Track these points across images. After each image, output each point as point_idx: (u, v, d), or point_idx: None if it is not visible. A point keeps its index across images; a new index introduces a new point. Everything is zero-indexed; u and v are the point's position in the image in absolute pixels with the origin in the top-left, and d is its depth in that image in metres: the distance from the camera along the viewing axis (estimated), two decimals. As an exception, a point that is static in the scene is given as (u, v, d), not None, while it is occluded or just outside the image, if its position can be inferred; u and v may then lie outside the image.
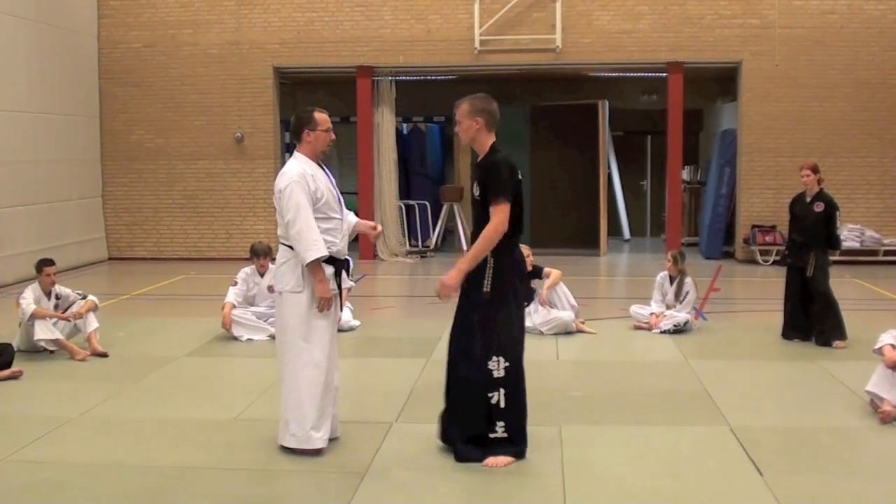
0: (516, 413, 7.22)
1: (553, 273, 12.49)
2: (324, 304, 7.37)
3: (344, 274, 7.77)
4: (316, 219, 7.30)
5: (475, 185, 7.27)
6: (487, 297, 7.11)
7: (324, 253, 7.26)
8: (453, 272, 7.10)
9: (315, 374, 7.36)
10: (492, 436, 7.16)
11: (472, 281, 7.17)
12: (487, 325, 7.13)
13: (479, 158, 7.36)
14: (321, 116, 7.57)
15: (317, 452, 7.37)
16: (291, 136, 7.70)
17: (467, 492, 6.74)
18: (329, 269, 7.39)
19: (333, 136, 7.68)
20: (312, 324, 7.38)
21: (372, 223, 8.25)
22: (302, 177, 7.32)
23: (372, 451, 7.51)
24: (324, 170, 7.60)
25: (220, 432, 8.12)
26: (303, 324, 7.38)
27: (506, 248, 7.18)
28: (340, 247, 7.51)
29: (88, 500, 6.62)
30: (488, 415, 7.15)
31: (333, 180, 7.62)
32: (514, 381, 7.18)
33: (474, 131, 7.29)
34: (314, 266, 7.27)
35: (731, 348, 11.65)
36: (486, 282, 7.12)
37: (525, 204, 7.43)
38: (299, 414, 7.37)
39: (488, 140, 7.32)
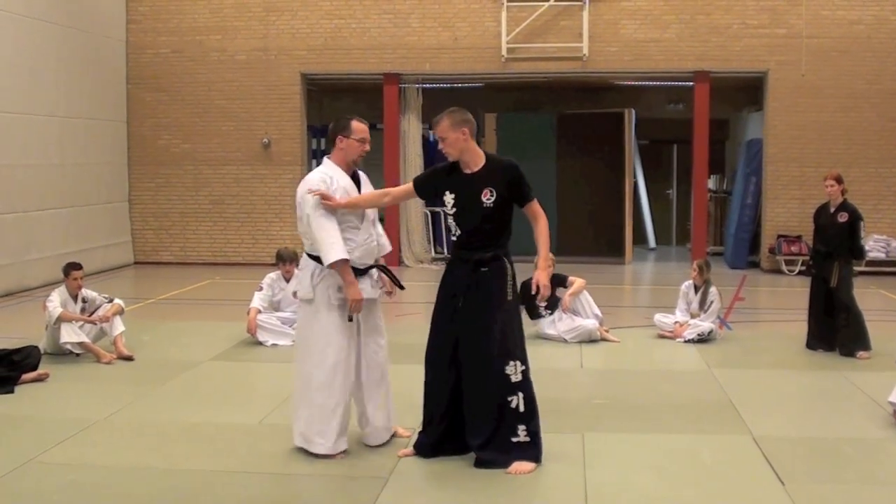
0: (534, 415, 7.26)
1: (577, 282, 12.51)
2: (355, 307, 7.39)
3: (368, 284, 7.67)
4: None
5: (487, 191, 7.19)
6: (510, 303, 7.21)
7: (345, 255, 7.26)
8: (544, 273, 7.31)
9: (321, 382, 7.39)
10: (514, 440, 7.18)
11: (485, 285, 7.23)
12: (506, 330, 7.18)
13: (478, 167, 7.30)
14: (358, 125, 7.56)
15: (320, 457, 7.41)
16: (327, 141, 7.76)
17: (489, 498, 6.73)
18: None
19: (368, 148, 7.65)
20: (319, 330, 7.41)
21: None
22: (321, 181, 7.37)
23: (395, 456, 7.53)
24: (358, 180, 7.64)
25: (243, 437, 8.17)
26: (311, 331, 7.45)
27: (508, 251, 7.34)
28: (355, 256, 7.44)
29: (113, 502, 6.67)
30: (510, 420, 7.17)
31: (366, 191, 7.67)
32: (529, 384, 7.25)
33: (462, 142, 7.26)
34: (341, 268, 7.29)
35: (754, 358, 11.62)
36: (508, 288, 7.22)
37: (550, 212, 7.50)
38: (305, 416, 7.48)
39: (477, 149, 7.36)
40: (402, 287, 7.87)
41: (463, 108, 7.45)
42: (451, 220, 7.38)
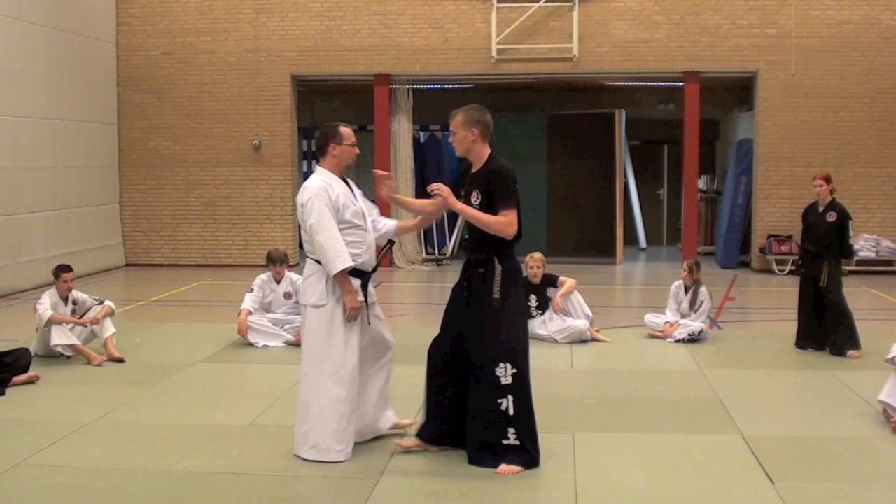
0: (527, 420, 7.25)
1: (567, 282, 12.52)
2: (353, 315, 7.41)
3: (371, 286, 7.74)
4: (340, 230, 7.36)
5: (475, 192, 7.27)
6: (497, 303, 7.18)
7: (349, 264, 7.30)
8: (453, 199, 7.27)
9: (336, 389, 7.40)
10: (504, 443, 7.18)
11: (478, 287, 7.27)
12: (495, 331, 7.18)
13: (477, 168, 7.39)
14: (346, 131, 7.65)
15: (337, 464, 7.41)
16: (316, 150, 7.77)
17: (480, 498, 6.75)
18: (356, 282, 7.44)
19: (358, 151, 7.74)
20: (335, 337, 7.41)
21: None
22: (323, 189, 7.38)
23: (386, 456, 7.55)
24: (348, 184, 7.67)
25: (235, 438, 8.17)
26: (326, 337, 7.42)
27: (509, 254, 7.31)
28: (365, 258, 7.54)
29: None
30: (499, 422, 7.18)
31: (358, 193, 7.69)
32: (523, 388, 7.22)
33: (469, 142, 7.34)
34: (341, 277, 7.31)
35: (745, 357, 11.64)
36: (495, 287, 7.19)
37: (541, 213, 7.49)
38: (320, 426, 7.41)
39: (484, 150, 7.38)
40: None
41: (483, 107, 7.45)
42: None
